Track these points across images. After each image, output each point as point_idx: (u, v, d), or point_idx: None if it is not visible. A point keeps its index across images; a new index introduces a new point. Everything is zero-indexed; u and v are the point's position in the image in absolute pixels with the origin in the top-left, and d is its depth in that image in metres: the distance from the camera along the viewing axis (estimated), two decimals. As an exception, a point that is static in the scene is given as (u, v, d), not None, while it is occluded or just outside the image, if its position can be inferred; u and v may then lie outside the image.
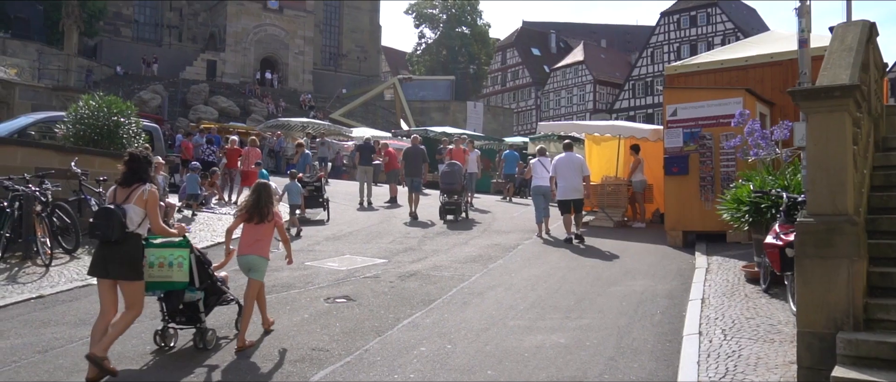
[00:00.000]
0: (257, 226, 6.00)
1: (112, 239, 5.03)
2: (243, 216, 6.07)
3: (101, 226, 5.05)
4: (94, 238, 5.21)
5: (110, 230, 5.02)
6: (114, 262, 5.07)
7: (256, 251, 5.96)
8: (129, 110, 12.21)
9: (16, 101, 19.20)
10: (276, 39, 52.56)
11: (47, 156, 10.58)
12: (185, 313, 5.67)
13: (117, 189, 5.30)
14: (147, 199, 5.20)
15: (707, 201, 10.68)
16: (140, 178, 5.28)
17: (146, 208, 5.20)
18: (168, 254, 5.44)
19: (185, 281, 5.45)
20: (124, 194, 5.21)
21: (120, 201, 5.19)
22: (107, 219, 5.06)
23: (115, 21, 51.42)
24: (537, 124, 64.27)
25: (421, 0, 59.10)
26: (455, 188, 13.57)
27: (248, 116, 40.64)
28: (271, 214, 6.04)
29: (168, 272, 5.42)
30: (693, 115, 11.10)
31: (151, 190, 5.25)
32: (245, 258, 5.97)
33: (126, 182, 5.27)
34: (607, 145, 16.12)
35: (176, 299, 5.57)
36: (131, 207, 5.16)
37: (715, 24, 57.06)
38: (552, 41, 77.93)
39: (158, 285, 5.45)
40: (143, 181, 5.27)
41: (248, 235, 6.02)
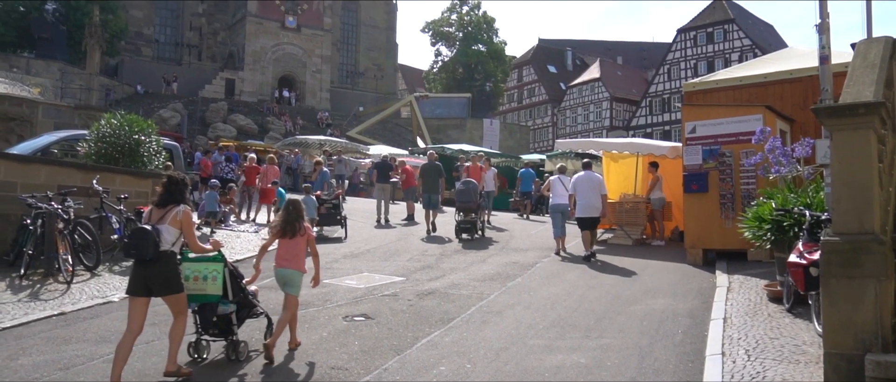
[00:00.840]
0: (291, 241, 6.26)
1: (147, 258, 5.20)
2: (277, 232, 6.32)
3: (136, 245, 5.23)
4: (130, 257, 5.40)
5: (145, 250, 5.19)
6: (154, 281, 5.28)
7: (292, 265, 6.21)
8: (149, 129, 12.35)
9: (39, 119, 19.46)
10: (293, 58, 53.08)
11: (70, 174, 10.71)
12: (218, 325, 5.84)
13: (153, 210, 5.52)
14: (181, 220, 5.40)
15: (727, 219, 10.57)
16: (176, 199, 5.47)
17: (181, 228, 5.40)
18: (203, 268, 5.68)
19: (218, 294, 5.68)
20: (159, 215, 5.41)
21: (155, 222, 5.37)
22: (142, 239, 5.24)
23: (136, 40, 52.25)
24: (554, 141, 64.49)
25: (437, 18, 59.44)
26: (470, 206, 13.43)
27: (266, 134, 40.95)
28: (302, 228, 6.30)
29: (202, 285, 5.66)
30: (712, 132, 11.03)
31: (185, 211, 5.45)
32: (281, 271, 6.21)
33: (162, 203, 5.47)
34: (625, 162, 16.04)
35: (210, 311, 5.76)
36: (166, 227, 5.33)
37: (732, 41, 56.85)
38: (568, 58, 78.03)
39: (193, 298, 5.66)
40: (178, 203, 5.45)
41: (283, 249, 6.28)
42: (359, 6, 62.44)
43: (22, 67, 38.53)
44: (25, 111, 19.29)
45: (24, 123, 19.13)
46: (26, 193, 9.53)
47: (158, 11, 54.82)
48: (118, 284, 9.00)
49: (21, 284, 8.58)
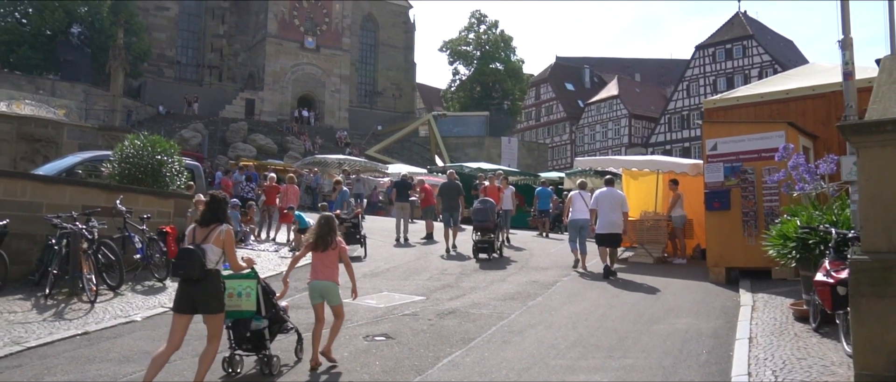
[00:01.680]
0: (323, 254, 6.45)
1: (194, 278, 5.33)
2: (310, 246, 6.53)
3: (183, 265, 5.36)
4: (177, 277, 5.53)
5: (192, 269, 5.32)
6: (199, 299, 5.40)
7: (326, 277, 6.40)
8: (172, 149, 12.49)
9: (64, 140, 19.77)
10: (312, 78, 53.60)
11: (94, 194, 10.85)
12: (251, 340, 5.97)
13: (196, 229, 5.62)
14: (224, 239, 5.53)
15: (750, 237, 10.44)
16: (218, 218, 5.60)
17: (224, 247, 5.52)
18: (237, 285, 5.83)
19: (252, 310, 5.83)
20: (203, 234, 5.53)
21: (199, 241, 5.49)
22: (188, 259, 5.36)
23: (159, 62, 53.09)
24: (572, 159, 64.31)
25: (455, 37, 59.75)
26: (488, 226, 13.26)
27: (286, 154, 41.29)
28: (335, 242, 6.49)
29: (237, 301, 5.80)
30: (734, 149, 10.93)
31: (228, 230, 5.57)
32: (316, 283, 6.40)
33: (205, 222, 5.60)
34: (645, 179, 15.95)
35: (243, 327, 5.90)
36: (210, 246, 5.46)
37: (751, 57, 56.49)
38: (586, 76, 77.98)
39: (228, 314, 5.77)
40: (221, 222, 5.58)
41: (317, 262, 6.47)
42: (377, 26, 63.05)
43: (48, 88, 39.33)
44: (51, 132, 19.61)
45: (50, 143, 19.43)
46: (52, 213, 9.67)
47: (181, 33, 55.76)
48: (140, 303, 9.08)
49: (46, 303, 8.67)
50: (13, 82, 37.89)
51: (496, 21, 59.95)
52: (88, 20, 44.03)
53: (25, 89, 36.45)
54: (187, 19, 56.13)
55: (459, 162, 35.52)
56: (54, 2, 41.93)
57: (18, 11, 43.37)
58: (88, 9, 44.11)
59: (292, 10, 52.81)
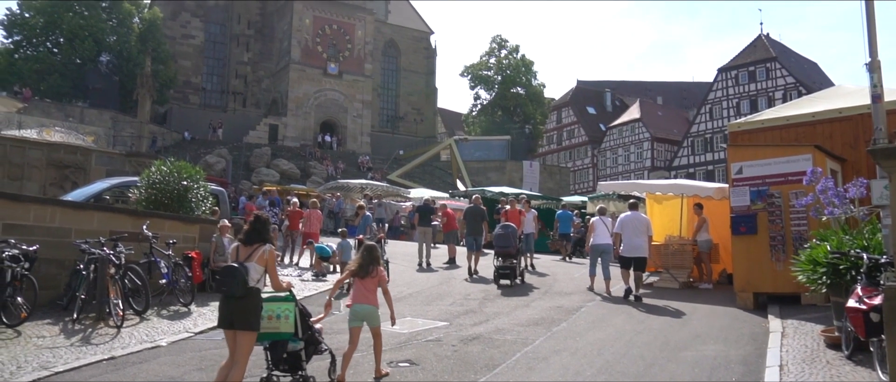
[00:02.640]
0: (364, 280, 6.74)
1: (236, 295, 5.50)
2: (351, 271, 6.84)
3: (226, 282, 5.52)
4: (220, 293, 5.69)
5: (235, 287, 5.48)
6: (237, 315, 5.57)
7: (367, 301, 6.70)
8: (198, 175, 12.64)
9: (92, 166, 20.12)
10: (335, 103, 54.13)
11: (121, 220, 10.99)
12: (288, 362, 6.10)
13: (239, 248, 5.80)
14: (267, 258, 5.72)
15: (778, 262, 10.28)
16: (262, 238, 5.78)
17: (266, 265, 5.72)
18: (276, 307, 5.93)
19: (290, 332, 5.95)
20: (246, 253, 5.70)
21: (242, 259, 5.66)
22: (231, 276, 5.53)
23: (184, 89, 54.05)
24: (594, 183, 64.02)
25: (476, 62, 60.08)
26: (509, 251, 13.10)
27: (308, 178, 41.59)
28: (375, 271, 6.79)
29: (276, 323, 5.91)
30: (760, 172, 10.82)
31: (271, 250, 5.77)
32: (358, 306, 6.69)
33: (248, 241, 5.78)
34: (669, 203, 15.80)
35: (280, 348, 6.02)
36: (252, 265, 5.62)
37: (775, 79, 56.03)
38: (607, 99, 77.84)
39: (266, 335, 5.90)
40: (264, 241, 5.76)
41: (358, 287, 6.78)
42: (399, 52, 63.69)
43: (77, 116, 40.15)
44: (80, 159, 19.97)
45: (79, 170, 19.78)
46: (80, 238, 9.80)
47: (206, 61, 56.77)
48: (166, 328, 9.13)
49: (73, 328, 8.75)
50: (44, 110, 38.72)
51: (517, 46, 60.25)
52: (117, 49, 45.04)
53: (55, 117, 37.24)
54: (212, 47, 57.16)
55: (481, 186, 35.49)
56: (85, 32, 42.95)
57: (50, 41, 44.47)
58: (117, 38, 45.14)
59: (315, 37, 53.56)
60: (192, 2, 56.27)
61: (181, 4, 55.69)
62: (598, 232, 12.54)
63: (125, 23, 45.75)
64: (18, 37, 44.10)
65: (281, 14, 55.85)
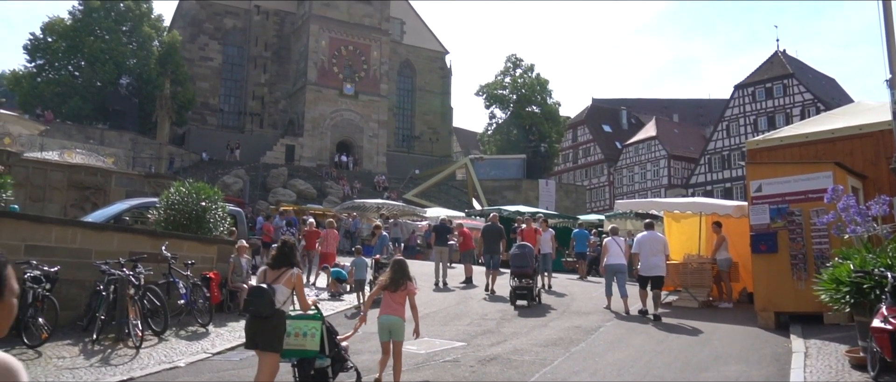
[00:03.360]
0: (394, 294, 6.96)
1: (264, 315, 5.70)
2: (383, 285, 7.05)
3: (254, 302, 5.74)
4: (248, 313, 5.92)
5: (263, 307, 5.69)
6: (262, 336, 5.77)
7: (395, 313, 6.88)
8: (216, 196, 12.73)
9: (112, 187, 20.35)
10: (351, 124, 54.44)
11: (140, 241, 11.08)
12: (315, 378, 6.28)
13: (267, 271, 6.05)
14: (295, 281, 5.99)
15: (800, 280, 10.14)
16: (289, 262, 6.02)
17: (294, 288, 5.99)
18: (303, 325, 6.13)
19: (316, 350, 6.13)
20: (274, 276, 5.95)
21: (270, 282, 5.89)
22: (259, 296, 5.75)
23: (202, 110, 54.62)
24: (611, 201, 63.68)
25: (491, 82, 60.27)
26: (526, 271, 12.98)
27: (325, 198, 41.74)
28: (405, 285, 7.00)
29: (303, 341, 6.10)
30: (779, 190, 10.71)
31: (298, 273, 6.03)
32: (386, 317, 6.86)
33: (276, 265, 6.05)
34: (687, 221, 15.68)
35: (308, 365, 6.21)
36: (280, 287, 5.86)
37: (792, 95, 55.66)
38: (623, 117, 77.72)
39: (294, 352, 6.10)
40: (291, 265, 6.00)
41: (387, 300, 6.97)
42: (414, 72, 64.05)
43: (97, 138, 40.70)
44: (100, 180, 20.21)
45: (99, 191, 20.02)
46: (100, 259, 9.89)
47: (224, 82, 57.41)
48: (184, 349, 9.16)
49: (93, 349, 8.80)
50: (65, 132, 39.28)
51: (532, 65, 60.40)
52: (136, 71, 45.70)
53: (76, 139, 37.76)
54: (230, 69, 57.82)
55: (497, 205, 35.46)
56: (105, 55, 43.66)
57: (72, 64, 45.23)
58: (137, 61, 45.83)
59: (331, 58, 54.03)
60: (210, 25, 57.04)
61: (200, 27, 56.48)
62: (612, 252, 12.54)
63: (145, 46, 46.46)
64: (41, 60, 44.91)
65: (297, 36, 56.46)
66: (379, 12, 56.94)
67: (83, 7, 44.92)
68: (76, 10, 45.04)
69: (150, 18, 47.99)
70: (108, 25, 44.77)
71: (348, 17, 55.28)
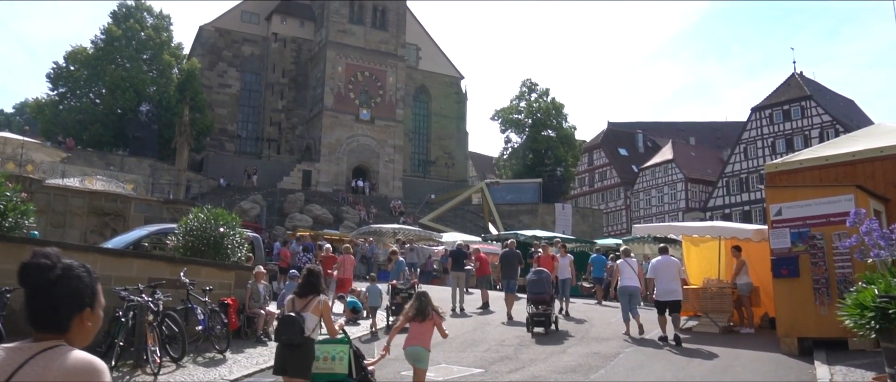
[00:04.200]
0: (421, 324, 7.03)
1: (295, 343, 5.87)
2: (408, 316, 7.13)
3: (286, 330, 5.91)
4: (280, 341, 6.07)
5: (294, 335, 5.86)
6: (292, 363, 5.93)
7: (420, 343, 6.97)
8: (234, 222, 12.79)
9: (131, 213, 20.58)
10: (367, 149, 54.75)
11: (159, 267, 11.14)
12: None
13: (295, 299, 6.22)
14: (322, 308, 6.17)
15: (823, 306, 9.97)
16: (315, 290, 6.20)
17: (321, 314, 6.16)
18: (331, 349, 6.32)
19: (344, 373, 6.27)
20: (302, 304, 6.13)
21: (299, 310, 6.05)
22: (290, 325, 5.91)
23: (220, 136, 55.23)
24: (628, 225, 63.33)
25: (506, 106, 60.45)
26: (544, 298, 12.80)
27: (341, 223, 41.84)
28: (432, 314, 7.07)
29: (331, 365, 6.27)
30: (800, 214, 10.59)
31: (325, 301, 6.22)
32: (412, 348, 6.95)
33: (303, 293, 6.24)
34: (706, 246, 15.53)
35: None
36: (308, 315, 6.03)
37: (810, 117, 55.28)
38: (639, 141, 77.47)
39: (323, 376, 6.24)
40: (318, 293, 6.18)
41: (413, 330, 7.05)
42: (430, 97, 64.45)
43: (117, 164, 41.20)
44: (119, 206, 20.44)
45: (118, 217, 20.24)
46: (120, 285, 9.94)
47: (241, 109, 58.11)
48: (201, 375, 9.15)
49: (111, 375, 8.81)
50: (86, 159, 39.81)
51: (547, 89, 60.55)
52: (156, 98, 46.36)
53: (97, 165, 38.25)
54: (248, 95, 58.55)
55: (513, 230, 35.34)
56: (126, 83, 44.37)
57: (93, 92, 45.99)
58: (157, 88, 46.51)
59: (348, 84, 54.54)
60: (229, 52, 57.89)
61: (219, 55, 57.32)
62: (625, 274, 12.55)
63: (165, 73, 47.17)
64: (63, 88, 45.74)
65: (314, 62, 57.09)
66: (395, 38, 57.50)
67: (105, 36, 45.79)
68: (98, 39, 45.93)
69: (170, 46, 48.79)
70: (129, 54, 45.56)
71: (364, 44, 55.88)
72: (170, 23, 49.55)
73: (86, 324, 2.02)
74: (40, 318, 1.98)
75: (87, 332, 2.03)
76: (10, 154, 21.83)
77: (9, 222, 9.68)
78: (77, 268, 2.04)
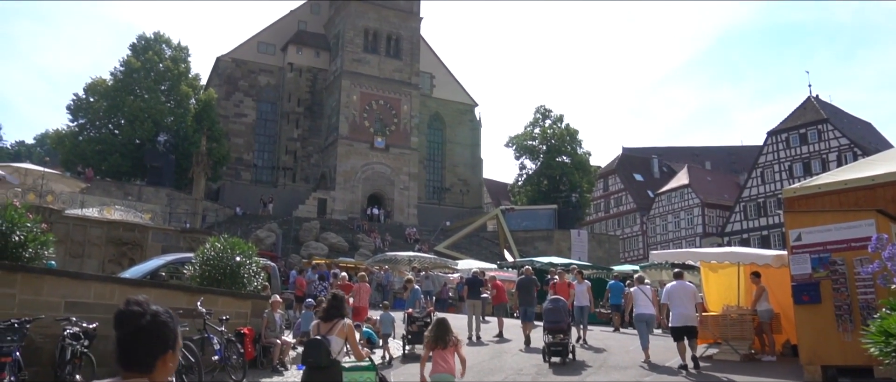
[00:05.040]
0: (444, 350, 7.09)
1: (321, 366, 5.97)
2: (430, 344, 7.20)
3: (312, 354, 6.03)
4: (306, 365, 6.19)
5: (320, 358, 5.98)
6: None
7: (448, 370, 7.06)
8: (250, 251, 12.83)
9: (149, 243, 20.71)
10: (382, 176, 54.96)
11: (176, 296, 11.17)
12: None
13: (320, 324, 6.38)
14: (346, 331, 6.30)
15: (846, 332, 9.79)
16: (340, 313, 6.35)
17: (347, 338, 6.24)
18: (358, 376, 6.42)
19: None
20: (327, 328, 6.27)
21: (324, 333, 6.19)
22: (317, 349, 6.03)
23: (237, 165, 55.72)
24: (645, 250, 62.85)
25: (521, 133, 60.55)
26: (561, 327, 12.58)
27: (356, 251, 41.85)
28: (452, 340, 7.14)
29: None
30: (820, 239, 10.44)
31: (349, 324, 6.37)
32: (439, 375, 7.01)
33: (327, 317, 6.39)
34: (725, 272, 15.33)
35: None
36: (334, 338, 6.15)
37: (828, 141, 54.85)
38: (655, 166, 77.20)
39: None
40: (342, 316, 6.33)
41: (438, 358, 7.12)
42: (444, 125, 64.75)
43: (135, 194, 41.62)
44: (137, 236, 20.59)
45: (136, 246, 20.38)
46: (137, 316, 9.96)
47: (257, 138, 58.70)
48: (218, 406, 9.12)
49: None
50: (104, 189, 40.24)
51: (561, 115, 60.60)
52: (174, 128, 46.93)
53: (115, 195, 38.64)
54: (264, 124, 59.17)
55: (529, 256, 35.18)
56: (144, 114, 44.99)
57: (112, 123, 46.65)
58: (174, 118, 47.11)
59: (362, 113, 54.95)
60: (245, 82, 58.63)
61: (235, 85, 58.07)
62: (640, 302, 12.62)
63: (182, 104, 47.77)
64: (83, 120, 46.44)
65: (329, 91, 57.64)
66: (409, 67, 57.99)
67: (124, 68, 46.57)
68: (118, 71, 46.72)
69: (188, 77, 49.48)
70: (147, 85, 46.25)
71: (379, 73, 56.38)
72: (188, 54, 50.35)
73: (168, 365, 2.26)
74: (130, 359, 2.25)
75: (168, 372, 2.27)
76: (31, 185, 22.13)
77: (29, 253, 9.76)
78: (162, 315, 2.29)
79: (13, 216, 9.55)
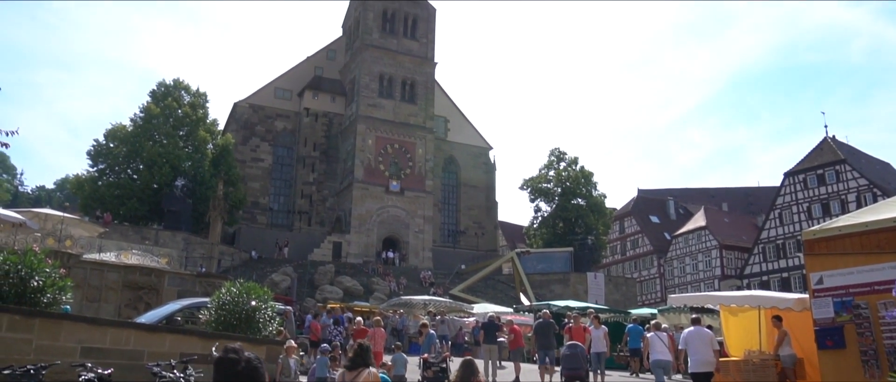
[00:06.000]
0: None
1: None
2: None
3: None
4: None
5: None
6: None
7: None
8: (266, 296, 12.81)
9: (165, 287, 20.76)
10: (397, 220, 55.01)
11: (191, 342, 11.14)
12: None
13: (345, 372, 6.55)
14: (371, 381, 6.39)
15: (873, 379, 9.54)
16: (364, 363, 6.47)
17: None
18: None
19: None
20: (351, 376, 6.42)
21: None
22: None
23: (253, 209, 56.07)
24: (662, 293, 62.06)
25: (535, 175, 60.59)
26: (579, 374, 12.54)
27: (371, 294, 41.69)
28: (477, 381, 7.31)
29: None
30: (842, 282, 10.27)
31: (375, 373, 6.54)
32: None
33: (353, 366, 6.52)
34: (745, 316, 15.07)
35: None
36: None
37: (846, 182, 54.37)
38: (671, 207, 76.71)
39: None
40: (367, 366, 6.44)
41: None
42: (459, 168, 64.99)
43: (152, 238, 41.89)
44: (153, 280, 20.66)
45: (152, 291, 20.44)
46: (152, 361, 9.94)
47: (273, 182, 59.19)
48: (232, 454, 8.99)
49: (142, 454, 8.72)
50: (122, 233, 40.56)
51: (576, 157, 60.65)
52: (191, 173, 47.47)
53: (132, 239, 38.90)
54: (280, 169, 59.71)
55: (545, 300, 34.83)
56: (162, 159, 45.61)
57: (131, 168, 47.29)
58: (192, 163, 47.70)
59: (378, 156, 55.35)
60: (262, 127, 59.38)
61: (252, 130, 58.82)
62: (656, 348, 12.60)
63: (200, 149, 48.40)
64: (103, 165, 47.11)
65: (345, 136, 58.20)
66: (423, 111, 58.52)
67: (144, 114, 47.41)
68: (137, 117, 47.56)
69: (206, 123, 50.22)
70: (166, 130, 46.99)
71: (394, 117, 56.92)
72: (206, 100, 51.22)
73: None
74: None
75: None
76: (51, 230, 22.35)
77: (47, 298, 9.82)
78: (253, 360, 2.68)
79: (32, 262, 9.63)
